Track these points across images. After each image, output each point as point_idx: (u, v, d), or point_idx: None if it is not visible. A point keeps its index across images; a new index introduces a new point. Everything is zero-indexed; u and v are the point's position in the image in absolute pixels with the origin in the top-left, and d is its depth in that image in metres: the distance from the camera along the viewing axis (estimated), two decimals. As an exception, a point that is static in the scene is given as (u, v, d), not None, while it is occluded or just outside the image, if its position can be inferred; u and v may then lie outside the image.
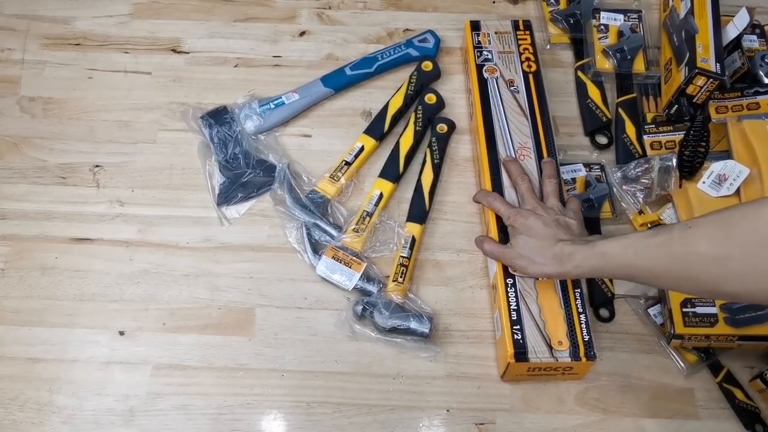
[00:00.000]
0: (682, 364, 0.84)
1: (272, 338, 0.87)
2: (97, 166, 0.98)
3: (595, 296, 0.88)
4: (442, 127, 0.99)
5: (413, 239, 0.91)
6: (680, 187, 0.91)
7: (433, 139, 0.98)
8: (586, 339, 0.79)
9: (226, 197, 0.95)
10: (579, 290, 0.83)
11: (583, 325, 0.80)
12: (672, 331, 0.82)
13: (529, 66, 0.99)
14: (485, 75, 0.98)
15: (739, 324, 0.81)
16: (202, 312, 0.88)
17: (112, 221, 0.94)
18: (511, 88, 0.97)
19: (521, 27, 1.03)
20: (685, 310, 0.82)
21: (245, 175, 0.96)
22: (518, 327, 0.80)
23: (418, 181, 0.96)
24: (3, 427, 0.81)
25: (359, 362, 0.85)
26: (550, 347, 0.79)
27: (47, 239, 0.93)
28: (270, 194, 0.96)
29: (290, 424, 0.82)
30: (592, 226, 0.91)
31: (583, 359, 0.79)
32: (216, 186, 0.96)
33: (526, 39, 1.02)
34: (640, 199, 0.92)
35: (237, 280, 0.90)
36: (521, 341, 0.79)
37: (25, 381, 0.84)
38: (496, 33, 1.02)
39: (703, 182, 0.89)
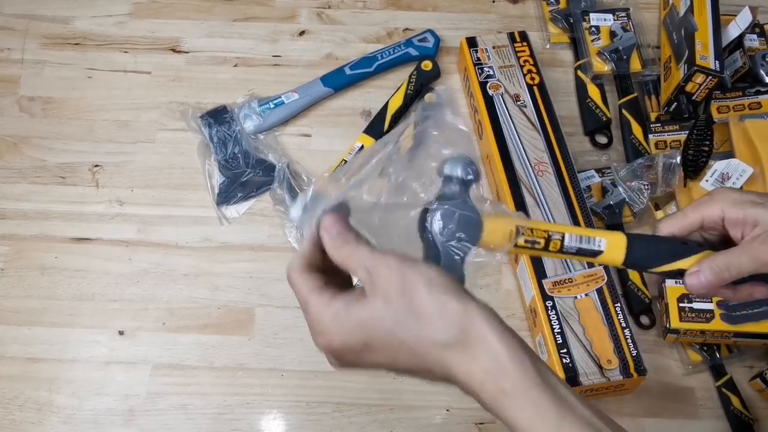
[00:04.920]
0: (684, 361, 0.84)
1: (272, 338, 0.87)
2: (96, 165, 0.98)
3: (633, 305, 0.87)
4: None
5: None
6: (684, 186, 0.91)
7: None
8: (634, 354, 0.78)
9: (225, 197, 0.95)
10: (619, 304, 0.82)
11: (629, 340, 0.79)
12: (667, 326, 0.82)
13: (532, 78, 0.98)
14: (490, 92, 0.96)
15: (735, 321, 0.81)
16: (202, 312, 0.88)
17: (111, 221, 0.94)
18: (518, 103, 0.95)
19: (518, 39, 1.01)
20: (681, 305, 0.82)
21: (245, 175, 0.96)
22: (565, 350, 0.79)
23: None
24: (2, 427, 0.81)
25: (359, 362, 0.85)
26: (600, 367, 0.78)
27: (47, 239, 0.93)
28: (269, 194, 0.96)
29: (290, 424, 0.82)
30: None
31: (635, 375, 0.77)
32: (215, 185, 0.96)
33: (524, 51, 1.00)
34: (646, 196, 0.91)
35: (237, 279, 0.90)
36: (570, 365, 0.78)
37: (25, 381, 0.84)
38: (493, 47, 1.00)
39: (706, 181, 0.89)
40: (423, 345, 0.44)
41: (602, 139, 1.00)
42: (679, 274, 0.55)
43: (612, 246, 0.54)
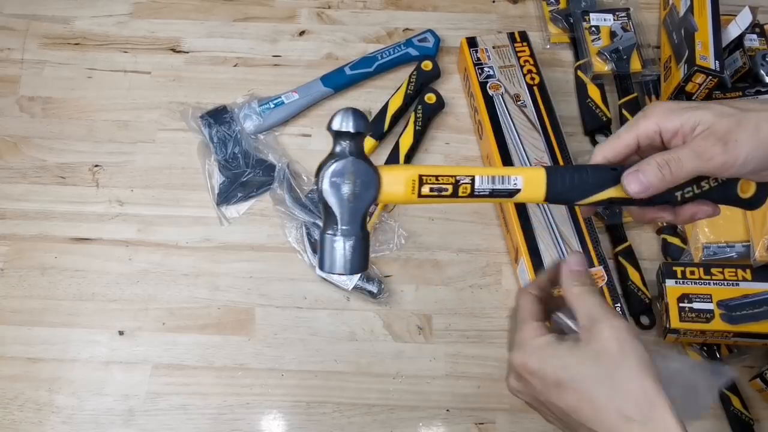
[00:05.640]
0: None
1: (272, 338, 0.87)
2: (96, 165, 0.98)
3: (633, 305, 0.87)
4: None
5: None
6: None
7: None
8: None
9: (225, 197, 0.95)
10: (619, 304, 0.82)
11: None
12: (667, 326, 0.82)
13: (532, 78, 0.98)
14: (490, 92, 0.96)
15: (735, 321, 0.81)
16: (202, 312, 0.88)
17: (111, 221, 0.94)
18: (518, 103, 0.95)
19: (518, 39, 1.01)
20: (681, 305, 0.82)
21: (245, 175, 0.96)
22: None
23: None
24: (2, 427, 0.81)
25: (359, 362, 0.85)
26: None
27: (47, 239, 0.93)
28: (270, 194, 0.96)
29: (290, 424, 0.82)
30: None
31: None
32: (215, 185, 0.96)
33: (524, 51, 1.00)
34: None
35: (237, 279, 0.90)
36: None
37: (25, 381, 0.84)
38: (493, 47, 1.00)
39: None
40: (609, 410, 0.47)
41: (602, 139, 1.00)
42: (610, 204, 0.52)
43: (530, 182, 0.51)
